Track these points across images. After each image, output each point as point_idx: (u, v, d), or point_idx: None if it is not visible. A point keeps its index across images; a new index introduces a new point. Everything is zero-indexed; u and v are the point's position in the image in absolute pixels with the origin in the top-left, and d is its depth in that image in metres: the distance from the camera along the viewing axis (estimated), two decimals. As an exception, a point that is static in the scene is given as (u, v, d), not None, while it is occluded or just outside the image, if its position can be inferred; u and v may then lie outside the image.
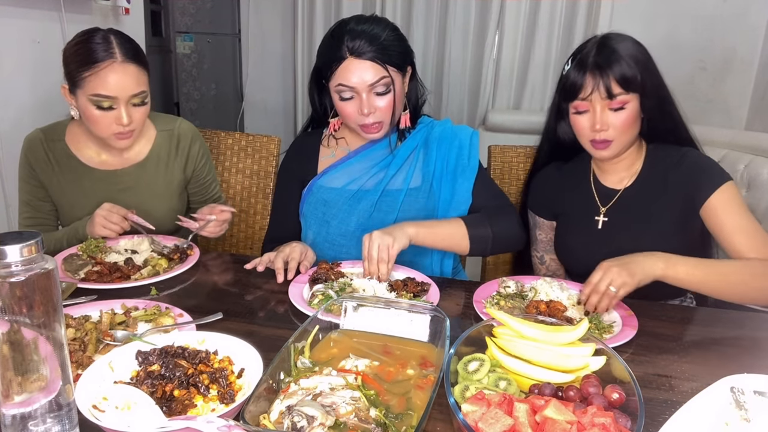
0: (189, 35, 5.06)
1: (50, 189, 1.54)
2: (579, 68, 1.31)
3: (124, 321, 1.05)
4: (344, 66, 1.36)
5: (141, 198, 1.58)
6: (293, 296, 1.21)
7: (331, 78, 1.39)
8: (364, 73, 1.35)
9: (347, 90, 1.38)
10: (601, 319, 1.15)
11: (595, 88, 1.28)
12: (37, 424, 0.69)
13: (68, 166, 1.54)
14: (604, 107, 1.30)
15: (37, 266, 0.66)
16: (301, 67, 4.20)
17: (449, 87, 3.97)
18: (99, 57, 1.35)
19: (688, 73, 3.37)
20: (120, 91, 1.37)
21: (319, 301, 1.20)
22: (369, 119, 1.40)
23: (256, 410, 0.74)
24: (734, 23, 3.26)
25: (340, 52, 1.35)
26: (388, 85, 1.38)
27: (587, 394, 0.79)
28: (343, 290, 1.24)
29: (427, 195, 1.49)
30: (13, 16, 2.01)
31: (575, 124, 1.36)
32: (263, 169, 2.00)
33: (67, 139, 1.54)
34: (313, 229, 1.54)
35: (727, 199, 1.29)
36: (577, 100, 1.32)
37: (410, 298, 1.22)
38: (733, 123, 3.32)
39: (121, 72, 1.37)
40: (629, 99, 1.29)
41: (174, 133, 1.64)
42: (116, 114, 1.39)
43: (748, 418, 0.74)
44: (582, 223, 1.47)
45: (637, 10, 3.42)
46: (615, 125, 1.30)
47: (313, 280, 1.28)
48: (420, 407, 0.80)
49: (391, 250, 1.26)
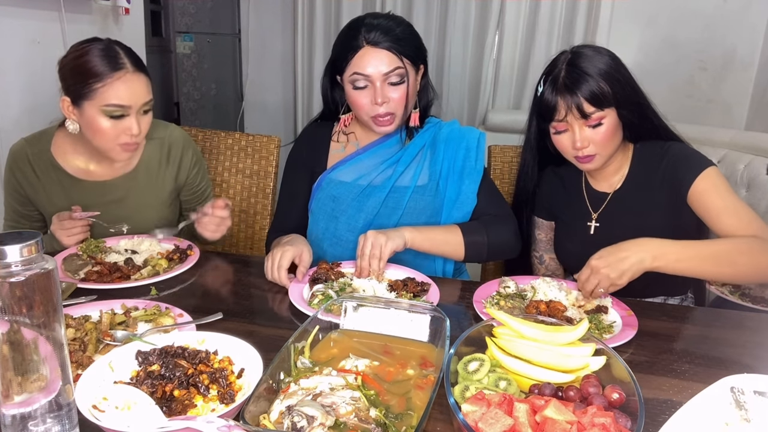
0: (189, 35, 5.05)
1: (37, 202, 1.52)
2: (551, 91, 1.31)
3: (124, 321, 1.05)
4: (360, 54, 1.38)
5: (131, 209, 1.55)
6: (293, 296, 1.21)
7: (345, 69, 1.41)
8: (380, 62, 1.38)
9: (362, 79, 1.39)
10: (602, 319, 1.15)
11: (569, 111, 1.29)
12: (37, 424, 0.69)
13: (54, 179, 1.51)
14: (581, 125, 1.31)
15: (37, 266, 0.66)
16: (301, 67, 4.20)
17: (449, 87, 3.97)
18: (112, 67, 1.35)
19: (688, 73, 3.36)
20: (134, 100, 1.38)
21: (319, 301, 1.20)
22: (382, 109, 1.41)
23: (256, 410, 0.74)
24: (734, 23, 3.25)
25: (357, 41, 1.38)
26: (403, 76, 1.40)
27: (587, 394, 0.79)
28: (343, 290, 1.24)
29: (433, 193, 1.51)
30: (13, 16, 2.01)
31: (557, 143, 1.37)
32: (263, 169, 2.00)
33: (53, 149, 1.51)
34: (320, 225, 1.55)
35: (711, 183, 1.29)
36: (555, 122, 1.33)
37: (410, 298, 1.22)
38: (733, 123, 3.32)
39: (135, 81, 1.38)
40: (605, 114, 1.29)
41: (165, 141, 1.60)
42: (126, 124, 1.38)
43: (748, 418, 0.74)
44: (576, 228, 1.48)
45: (637, 10, 3.42)
46: (595, 141, 1.31)
47: (313, 280, 1.28)
48: (420, 407, 0.80)
49: (384, 249, 1.28)
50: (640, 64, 3.28)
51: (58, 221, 1.42)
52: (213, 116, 5.28)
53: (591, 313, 1.17)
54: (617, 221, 1.42)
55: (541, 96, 1.34)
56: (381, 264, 1.28)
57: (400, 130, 1.54)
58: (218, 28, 5.11)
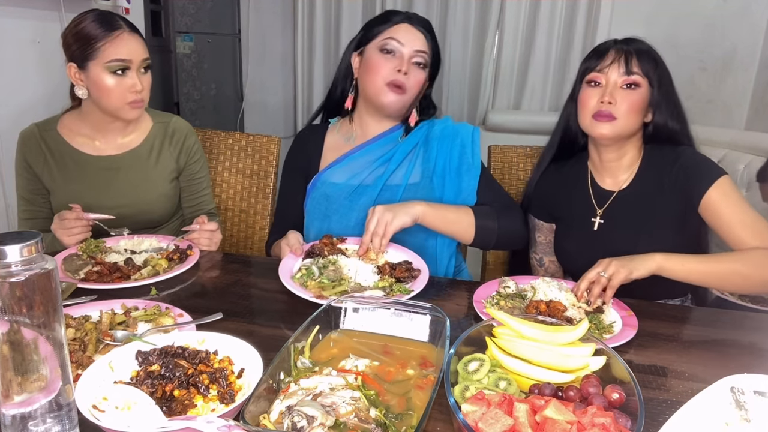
0: (189, 35, 5.06)
1: (43, 177, 1.58)
2: (602, 46, 1.37)
3: (124, 321, 1.05)
4: (399, 26, 1.45)
5: (134, 182, 1.62)
6: (281, 269, 1.26)
7: (377, 36, 1.46)
8: (416, 38, 1.45)
9: (394, 44, 1.44)
10: (602, 319, 1.15)
11: (616, 59, 1.33)
12: (37, 424, 0.69)
13: (61, 153, 1.59)
14: (617, 84, 1.33)
15: (37, 266, 0.66)
16: (301, 67, 4.19)
17: (449, 87, 3.97)
18: (110, 28, 1.46)
19: (688, 73, 3.36)
20: (134, 55, 1.48)
21: (301, 275, 1.25)
22: (401, 77, 1.44)
23: (256, 410, 0.74)
24: (734, 23, 3.25)
25: (398, 17, 1.46)
26: (426, 62, 1.47)
27: (587, 394, 0.79)
28: (326, 267, 1.27)
29: (425, 191, 1.51)
30: (13, 16, 2.01)
31: (583, 98, 1.38)
32: (263, 169, 2.00)
33: (60, 129, 1.60)
34: (315, 225, 1.56)
35: (724, 192, 1.29)
36: (594, 72, 1.35)
37: (393, 283, 1.23)
38: (733, 123, 3.32)
39: (132, 39, 1.49)
40: (642, 82, 1.33)
41: (170, 125, 1.70)
42: (129, 81, 1.48)
43: (748, 418, 0.74)
44: (578, 224, 1.47)
45: (637, 10, 3.42)
46: (623, 102, 1.32)
47: (308, 254, 1.30)
48: (420, 407, 0.80)
49: (389, 227, 1.28)
50: (640, 64, 3.28)
51: (59, 220, 1.44)
52: (213, 116, 5.28)
53: (590, 313, 1.17)
54: (622, 220, 1.42)
55: (589, 53, 1.40)
56: (384, 241, 1.28)
57: (396, 127, 1.55)
58: (218, 28, 5.11)
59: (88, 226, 1.47)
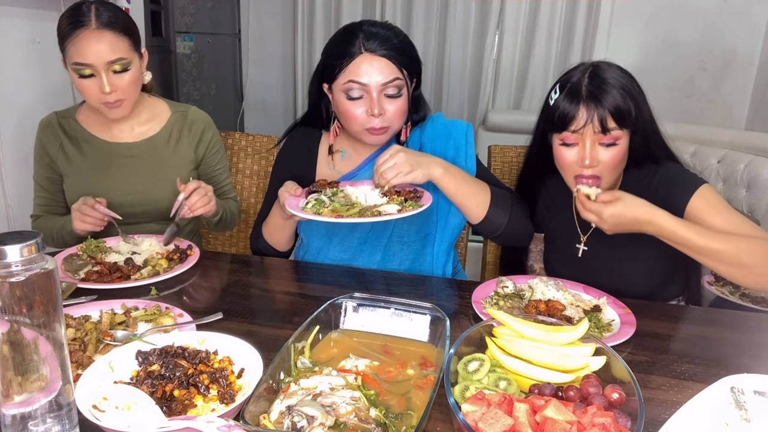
0: (189, 35, 5.05)
1: (57, 161, 1.59)
2: (571, 98, 1.23)
3: (124, 321, 1.05)
4: (357, 62, 1.30)
5: (149, 169, 1.61)
6: (288, 203, 1.27)
7: (338, 76, 1.33)
8: (378, 71, 1.30)
9: (357, 88, 1.31)
10: (600, 317, 1.15)
11: (589, 121, 1.21)
12: (37, 424, 0.69)
13: (77, 139, 1.60)
14: (594, 142, 1.23)
15: (37, 266, 0.66)
16: (301, 67, 4.20)
17: (449, 87, 3.97)
18: (73, 26, 1.38)
19: (688, 72, 3.36)
20: (95, 59, 1.38)
21: (312, 205, 1.26)
22: (377, 121, 1.33)
23: (256, 410, 0.74)
24: (734, 23, 3.26)
25: (354, 47, 1.30)
26: (401, 88, 1.33)
27: (587, 394, 0.79)
28: (335, 194, 1.29)
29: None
30: (13, 16, 2.01)
31: (560, 157, 1.29)
32: (263, 169, 2.00)
33: (78, 116, 1.61)
34: (314, 245, 1.51)
35: (707, 201, 1.26)
36: (567, 132, 1.24)
37: (401, 202, 1.26)
38: (733, 123, 3.32)
39: (95, 39, 1.38)
40: (622, 135, 1.23)
41: (188, 115, 1.69)
42: (97, 84, 1.41)
43: (748, 418, 0.74)
44: (564, 249, 1.45)
45: (637, 10, 3.42)
46: (605, 162, 1.24)
47: (310, 192, 1.32)
48: (420, 407, 0.80)
49: (401, 178, 1.25)
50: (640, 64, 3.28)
51: (81, 203, 1.43)
52: (213, 116, 5.23)
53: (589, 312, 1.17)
54: (605, 246, 1.37)
55: (556, 103, 1.26)
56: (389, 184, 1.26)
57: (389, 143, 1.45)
58: (218, 28, 5.11)
59: (101, 221, 1.44)
